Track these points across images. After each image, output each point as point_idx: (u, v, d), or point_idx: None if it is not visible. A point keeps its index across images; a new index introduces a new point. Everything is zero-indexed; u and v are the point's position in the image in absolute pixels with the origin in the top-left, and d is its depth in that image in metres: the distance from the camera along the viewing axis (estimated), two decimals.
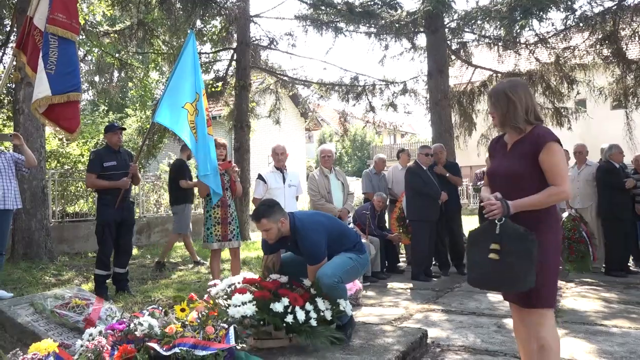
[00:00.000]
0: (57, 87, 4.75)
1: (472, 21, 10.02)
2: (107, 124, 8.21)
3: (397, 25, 10.21)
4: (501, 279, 2.54)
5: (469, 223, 10.86)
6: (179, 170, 8.03)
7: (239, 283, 3.59)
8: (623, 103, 11.00)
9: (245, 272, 3.91)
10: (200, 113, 5.41)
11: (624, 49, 10.18)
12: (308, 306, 3.36)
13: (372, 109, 13.08)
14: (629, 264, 7.17)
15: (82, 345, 2.89)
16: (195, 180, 8.08)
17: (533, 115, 2.67)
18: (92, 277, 6.01)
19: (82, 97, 5.20)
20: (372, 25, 10.67)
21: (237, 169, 5.77)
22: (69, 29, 4.88)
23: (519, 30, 8.53)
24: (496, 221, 2.52)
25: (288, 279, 3.72)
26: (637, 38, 10.05)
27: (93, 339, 2.88)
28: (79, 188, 10.59)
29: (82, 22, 10.67)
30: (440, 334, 4.25)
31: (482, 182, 8.36)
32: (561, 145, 2.59)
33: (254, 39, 12.55)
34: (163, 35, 12.17)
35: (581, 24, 9.66)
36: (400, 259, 8.18)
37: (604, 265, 7.07)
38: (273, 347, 3.36)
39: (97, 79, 14.21)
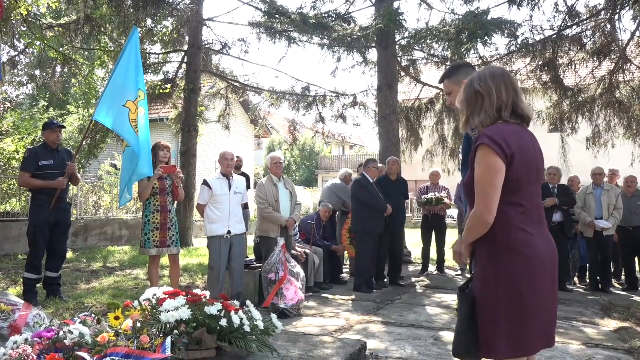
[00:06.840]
0: None
1: (422, 40, 10.32)
2: (46, 120, 7.83)
3: (349, 39, 10.38)
4: (454, 344, 2.13)
5: (412, 236, 11.09)
6: None
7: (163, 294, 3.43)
8: (559, 127, 11.60)
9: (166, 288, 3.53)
10: (145, 112, 5.32)
11: (561, 76, 10.77)
12: (241, 314, 3.31)
13: (322, 119, 13.18)
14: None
15: (5, 354, 2.74)
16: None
17: (509, 111, 2.06)
18: (22, 281, 5.70)
19: None
20: (326, 37, 10.79)
21: (181, 175, 5.65)
22: None
23: (465, 53, 8.84)
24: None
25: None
26: (573, 66, 10.65)
27: (18, 348, 2.74)
28: (12, 186, 10.06)
29: (24, 13, 10.21)
30: (379, 346, 4.29)
31: (426, 196, 8.60)
32: (499, 146, 1.94)
33: (206, 42, 12.40)
34: (111, 33, 11.81)
35: (523, 50, 10.13)
36: (344, 270, 8.24)
37: None
38: (199, 359, 3.15)
39: (38, 73, 13.55)
